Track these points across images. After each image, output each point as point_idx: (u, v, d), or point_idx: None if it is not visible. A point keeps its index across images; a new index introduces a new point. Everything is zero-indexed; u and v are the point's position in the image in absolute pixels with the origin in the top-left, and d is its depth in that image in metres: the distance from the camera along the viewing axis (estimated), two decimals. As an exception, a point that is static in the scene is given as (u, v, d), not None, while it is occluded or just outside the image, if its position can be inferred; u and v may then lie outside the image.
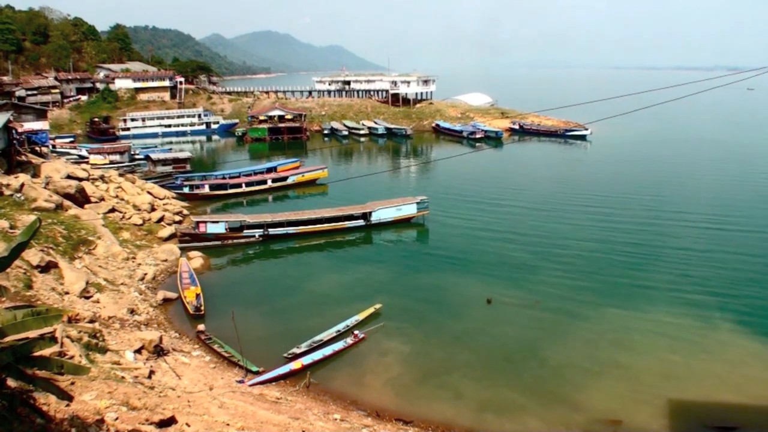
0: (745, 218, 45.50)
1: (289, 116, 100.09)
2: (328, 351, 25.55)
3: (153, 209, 44.94)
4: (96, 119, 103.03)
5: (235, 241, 41.49)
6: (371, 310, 29.31)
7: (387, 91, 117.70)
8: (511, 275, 34.26)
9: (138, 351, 22.06)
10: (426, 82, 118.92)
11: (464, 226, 44.46)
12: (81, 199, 40.82)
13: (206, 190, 55.80)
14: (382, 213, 45.04)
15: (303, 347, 25.80)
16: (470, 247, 39.60)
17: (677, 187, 57.64)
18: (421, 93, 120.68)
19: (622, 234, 41.43)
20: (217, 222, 42.08)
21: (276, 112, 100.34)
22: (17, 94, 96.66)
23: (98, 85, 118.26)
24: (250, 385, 22.51)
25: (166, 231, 41.40)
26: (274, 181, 59.50)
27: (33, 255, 26.65)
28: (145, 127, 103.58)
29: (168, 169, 64.63)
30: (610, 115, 42.88)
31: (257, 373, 23.72)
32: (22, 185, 36.52)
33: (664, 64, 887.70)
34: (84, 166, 52.83)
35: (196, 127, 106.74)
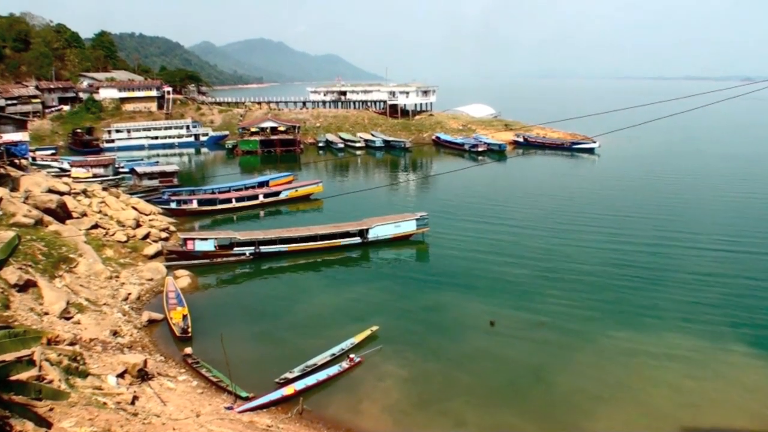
0: (763, 239, 45.58)
1: (282, 128, 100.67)
2: (322, 376, 25.47)
3: (138, 225, 44.97)
4: (79, 130, 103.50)
5: (224, 259, 41.50)
6: (368, 332, 29.28)
7: (385, 102, 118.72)
8: (515, 296, 34.33)
9: (121, 375, 21.97)
10: (426, 92, 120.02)
11: (466, 244, 44.60)
12: (62, 214, 40.87)
13: (194, 205, 55.93)
14: (380, 230, 45.17)
15: (296, 372, 25.72)
16: (472, 265, 39.70)
17: (690, 204, 57.94)
18: (421, 104, 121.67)
19: (632, 253, 41.58)
20: (205, 239, 42.13)
21: (268, 124, 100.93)
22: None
23: (81, 94, 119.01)
24: (240, 412, 22.39)
25: (151, 248, 41.38)
26: (265, 196, 59.68)
27: (11, 273, 26.63)
28: (131, 138, 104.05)
29: (154, 183, 64.75)
30: (618, 128, 43.15)
31: (247, 399, 23.62)
32: (0, 199, 36.57)
33: (674, 74, 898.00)
34: (66, 179, 52.91)
35: (185, 139, 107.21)
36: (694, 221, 50.69)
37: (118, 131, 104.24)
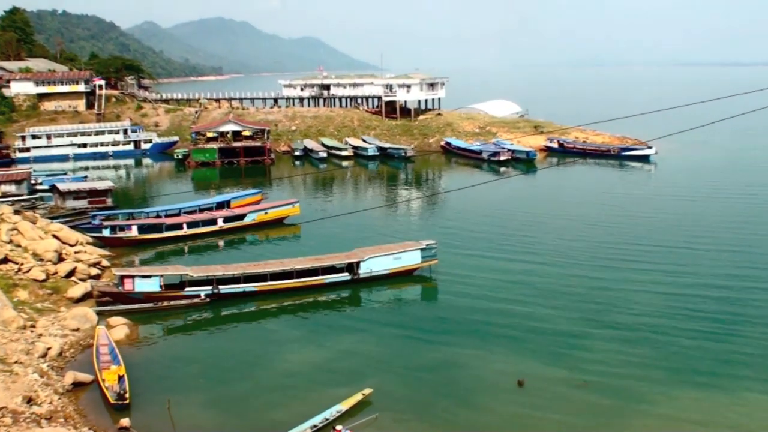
0: None
1: (247, 132, 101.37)
2: (300, 454, 25.48)
3: (61, 259, 45.07)
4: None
5: (173, 302, 41.52)
6: (359, 396, 29.36)
7: (380, 98, 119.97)
8: (549, 348, 34.49)
9: (38, 455, 21.98)
10: (432, 85, 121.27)
11: (485, 281, 44.81)
12: (-38, 245, 40.99)
13: (134, 232, 56.12)
14: (375, 263, 45.36)
15: (266, 449, 25.71)
16: (493, 308, 39.89)
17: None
18: (426, 100, 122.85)
19: (700, 296, 41.52)
20: (148, 276, 42.22)
21: (229, 127, 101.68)
22: None
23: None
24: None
25: (78, 289, 41.43)
26: (226, 220, 59.97)
27: None
28: (51, 146, 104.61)
29: (82, 204, 64.93)
30: (681, 129, 43.61)
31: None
32: None
33: (751, 58, 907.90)
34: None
35: (121, 147, 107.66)
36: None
37: (34, 137, 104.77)
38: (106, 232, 55.24)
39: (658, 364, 32.65)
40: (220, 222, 59.50)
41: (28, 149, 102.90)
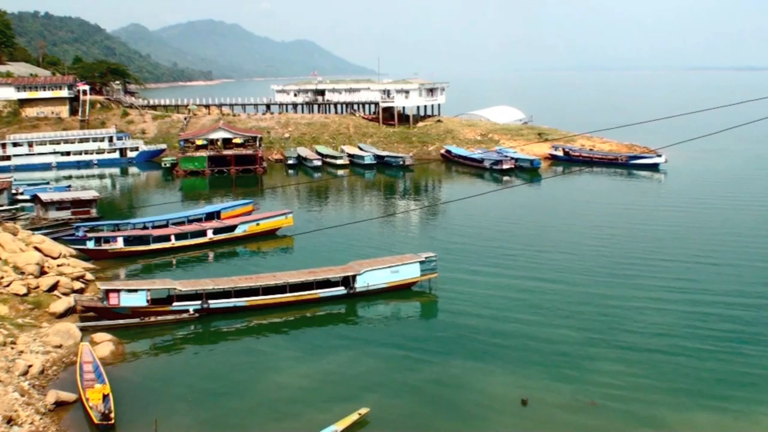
0: None
1: (238, 140, 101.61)
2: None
3: (43, 273, 45.04)
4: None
5: (160, 318, 41.52)
6: (355, 416, 29.31)
7: (377, 104, 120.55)
8: (555, 366, 34.49)
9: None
10: (431, 91, 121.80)
11: (487, 296, 44.89)
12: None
13: (120, 245, 56.10)
14: (371, 277, 45.42)
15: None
16: (496, 324, 39.95)
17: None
18: (425, 106, 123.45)
19: (717, 313, 41.53)
20: (135, 291, 42.18)
21: (220, 135, 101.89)
22: None
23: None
24: None
25: (61, 304, 41.37)
26: (216, 232, 60.00)
27: None
28: (33, 154, 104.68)
29: (65, 215, 65.01)
30: (692, 136, 43.57)
31: None
32: None
33: (764, 63, 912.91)
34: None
35: (107, 156, 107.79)
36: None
37: (15, 144, 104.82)
38: (90, 244, 55.14)
39: (669, 385, 32.59)
40: (209, 234, 59.50)
41: (8, 157, 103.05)
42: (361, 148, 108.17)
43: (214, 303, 42.41)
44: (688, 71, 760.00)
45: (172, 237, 58.03)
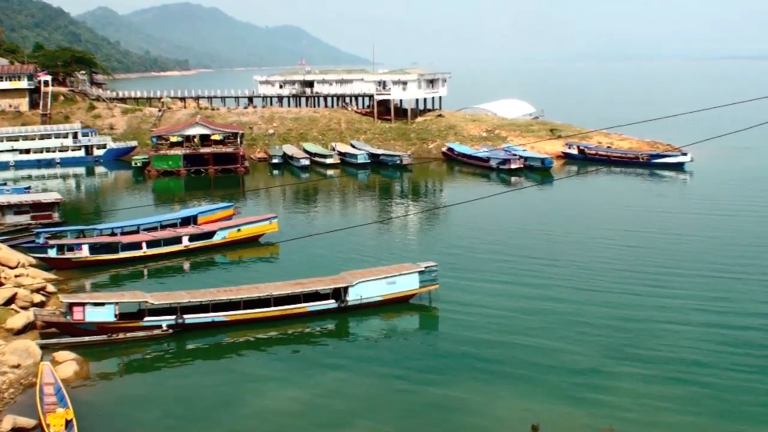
0: None
1: (217, 136, 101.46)
2: None
3: (-1, 284, 44.89)
4: None
5: (130, 334, 41.34)
6: (347, 444, 29.26)
7: (371, 96, 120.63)
8: (569, 387, 34.43)
9: None
10: (432, 82, 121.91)
11: (493, 309, 44.80)
12: None
13: (85, 253, 55.96)
14: (365, 289, 45.34)
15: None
16: (503, 341, 39.88)
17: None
18: (425, 99, 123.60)
19: (745, 323, 41.72)
20: (101, 304, 42.00)
21: (197, 131, 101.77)
22: None
23: None
24: None
25: (19, 319, 41.18)
26: (192, 238, 59.90)
27: None
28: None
29: (24, 219, 64.81)
30: (720, 132, 43.42)
31: None
32: None
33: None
34: None
35: (71, 154, 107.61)
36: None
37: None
38: (52, 253, 54.95)
39: (697, 405, 32.60)
40: (185, 240, 59.39)
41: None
42: (353, 146, 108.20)
43: (189, 318, 42.27)
44: (715, 61, 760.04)
45: (144, 244, 57.85)
